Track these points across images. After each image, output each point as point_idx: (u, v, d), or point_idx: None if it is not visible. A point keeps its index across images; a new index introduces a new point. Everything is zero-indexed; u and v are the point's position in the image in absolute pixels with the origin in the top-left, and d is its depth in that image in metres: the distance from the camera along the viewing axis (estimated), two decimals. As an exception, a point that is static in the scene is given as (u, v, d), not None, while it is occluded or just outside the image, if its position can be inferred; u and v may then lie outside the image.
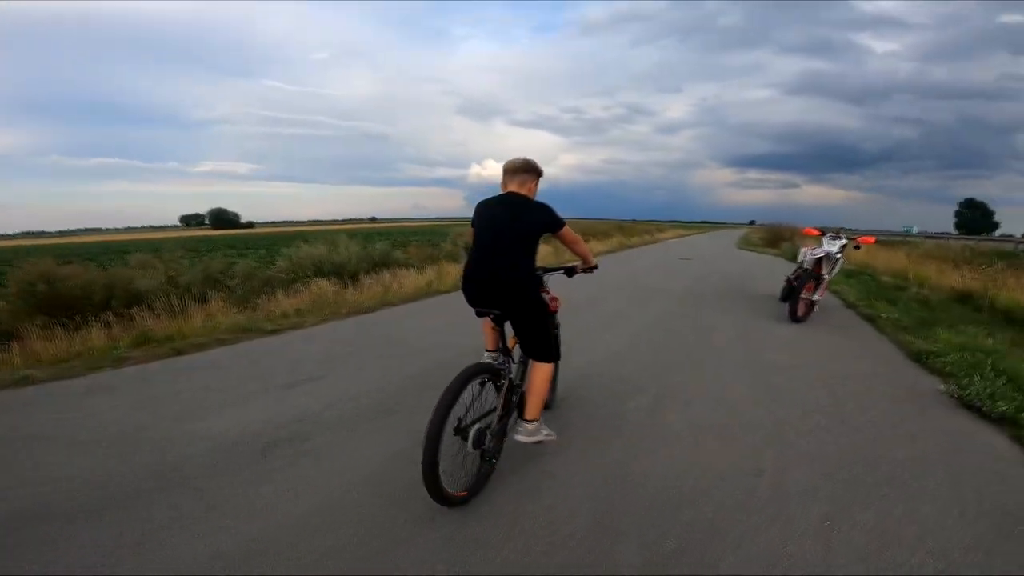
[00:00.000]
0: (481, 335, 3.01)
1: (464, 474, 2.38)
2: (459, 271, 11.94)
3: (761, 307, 7.32)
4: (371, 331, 5.81)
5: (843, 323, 6.50)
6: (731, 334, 5.71)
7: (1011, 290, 7.98)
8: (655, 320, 6.30)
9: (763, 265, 14.48)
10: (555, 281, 3.19)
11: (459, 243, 18.81)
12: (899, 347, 5.43)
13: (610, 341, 5.33)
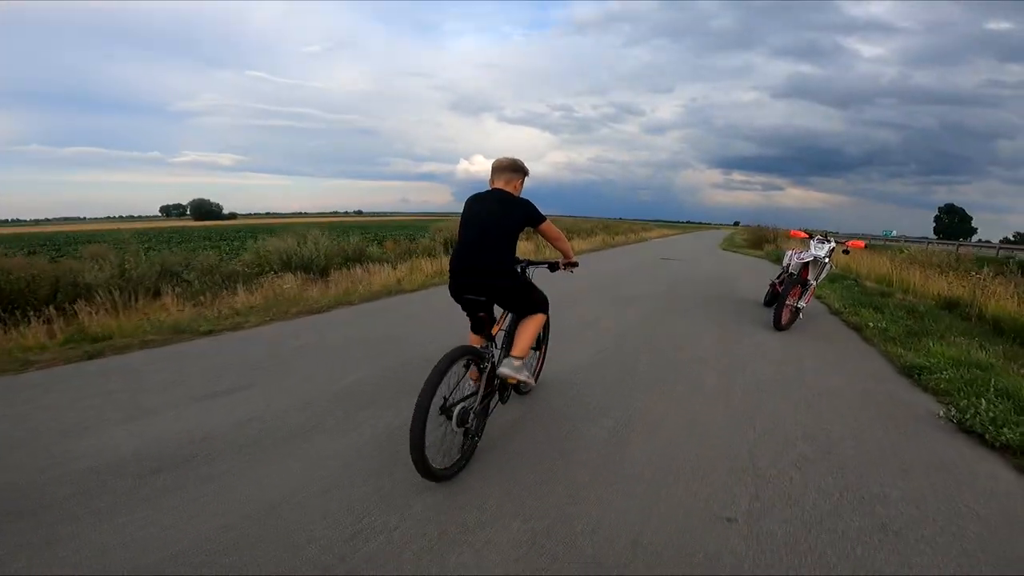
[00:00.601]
0: (443, 336, 3.13)
1: (449, 450, 2.48)
2: (433, 268, 11.55)
3: (744, 312, 6.94)
4: (320, 334, 5.31)
5: (828, 332, 6.14)
6: (711, 343, 5.31)
7: (999, 299, 7.70)
8: (631, 327, 5.87)
9: (746, 267, 14.19)
10: (537, 277, 3.27)
11: (438, 239, 18.33)
12: (888, 360, 5.09)
13: (579, 352, 4.88)
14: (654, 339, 5.39)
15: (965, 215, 76.66)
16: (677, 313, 6.70)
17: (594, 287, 8.65)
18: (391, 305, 6.84)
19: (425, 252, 15.73)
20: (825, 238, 6.02)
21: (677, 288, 8.76)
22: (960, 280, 9.42)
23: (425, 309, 6.48)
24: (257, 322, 5.65)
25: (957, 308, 8.04)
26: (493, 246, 2.63)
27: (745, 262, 15.78)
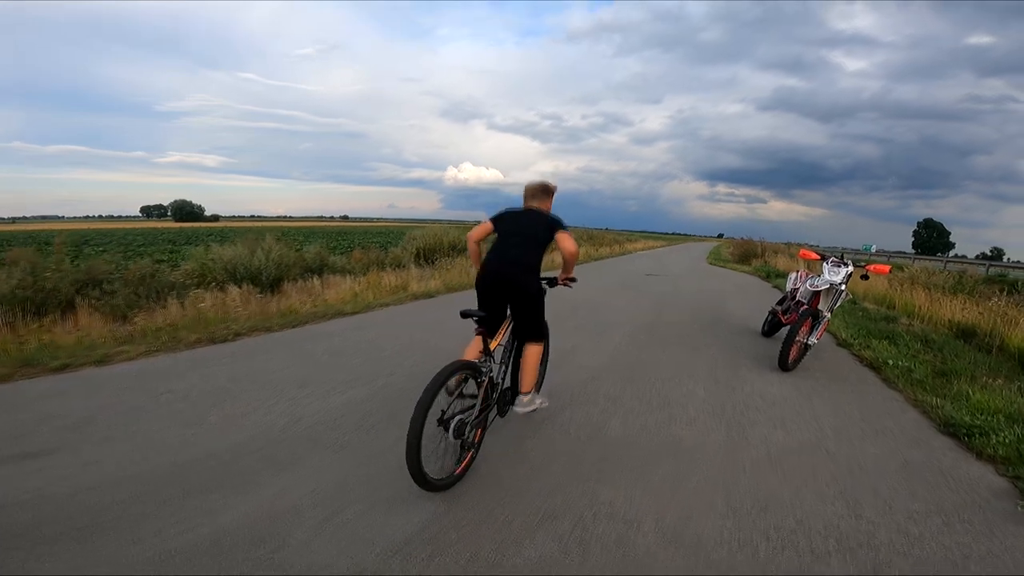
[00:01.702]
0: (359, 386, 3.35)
1: (445, 462, 2.54)
2: (397, 282, 10.41)
3: (740, 346, 5.92)
4: (203, 374, 4.15)
5: (841, 372, 5.14)
6: (703, 393, 4.26)
7: (1022, 328, 6.80)
8: (604, 366, 4.76)
9: (736, 285, 13.25)
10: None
11: (410, 248, 17.16)
12: (922, 412, 4.12)
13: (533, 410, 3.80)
14: (634, 384, 4.31)
15: (943, 230, 77.38)
16: (662, 347, 5.62)
17: (573, 309, 7.57)
18: (325, 331, 5.65)
19: (393, 264, 14.59)
20: (841, 260, 5.01)
21: (663, 313, 7.66)
22: (974, 305, 8.55)
23: (357, 341, 5.34)
24: (136, 353, 4.47)
25: (974, 338, 7.17)
26: (522, 251, 3.00)
27: (734, 280, 14.85)
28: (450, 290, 8.76)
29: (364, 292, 9.29)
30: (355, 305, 6.82)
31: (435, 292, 8.27)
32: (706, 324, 7.03)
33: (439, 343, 5.11)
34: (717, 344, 5.87)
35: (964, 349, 6.54)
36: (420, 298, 7.71)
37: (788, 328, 4.83)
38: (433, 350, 4.84)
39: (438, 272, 12.10)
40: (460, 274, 11.83)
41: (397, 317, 6.50)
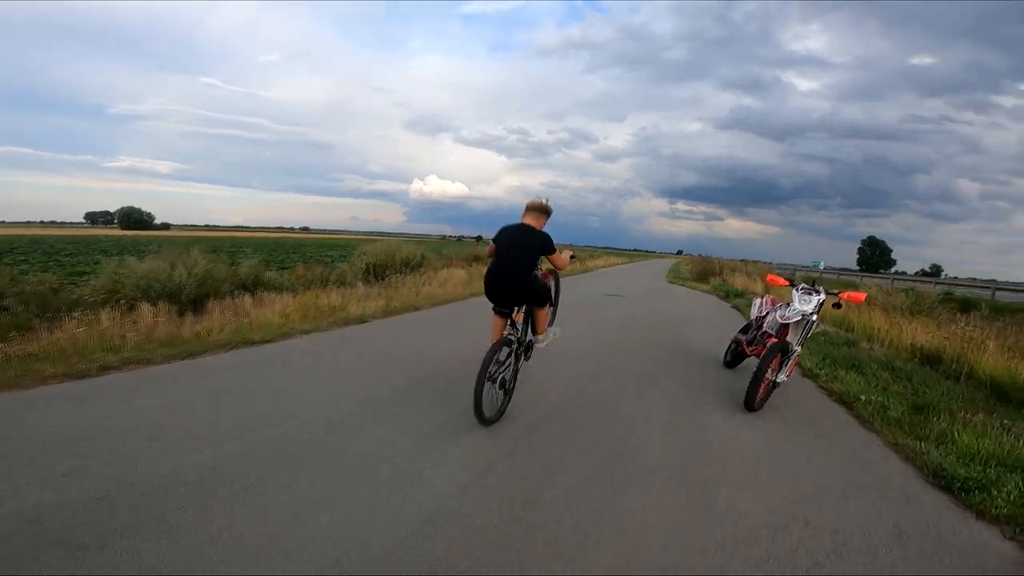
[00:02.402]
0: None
1: (494, 404, 3.58)
2: (335, 302, 9.47)
3: (701, 378, 5.35)
4: (23, 426, 3.24)
5: (811, 410, 4.62)
6: (660, 438, 3.62)
7: (991, 353, 6.51)
8: (545, 414, 3.96)
9: (697, 306, 12.89)
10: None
11: (359, 264, 16.16)
12: (905, 459, 3.64)
13: (456, 468, 3.08)
14: (580, 437, 3.63)
15: (886, 247, 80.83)
16: (617, 381, 4.96)
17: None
18: (217, 365, 4.75)
19: (338, 281, 13.59)
20: (812, 287, 4.49)
21: (620, 342, 6.98)
22: (936, 328, 8.34)
23: (251, 380, 4.49)
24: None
25: (940, 364, 6.86)
26: (517, 263, 3.65)
27: (694, 299, 14.54)
28: (389, 313, 7.92)
29: (297, 313, 8.38)
30: (270, 331, 5.92)
31: (370, 316, 7.40)
32: (666, 353, 6.44)
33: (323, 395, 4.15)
34: (677, 378, 5.26)
35: (933, 378, 6.18)
36: (352, 323, 6.85)
37: (756, 366, 4.28)
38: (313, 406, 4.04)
39: (386, 291, 11.21)
40: (409, 293, 11.00)
41: (313, 347, 5.66)
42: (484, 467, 3.00)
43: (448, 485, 2.76)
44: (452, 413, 3.78)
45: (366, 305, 8.54)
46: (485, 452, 3.20)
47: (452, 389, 4.27)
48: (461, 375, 4.53)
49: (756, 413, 4.28)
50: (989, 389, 5.82)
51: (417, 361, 5.13)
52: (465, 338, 6.08)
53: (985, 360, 6.31)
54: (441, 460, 3.05)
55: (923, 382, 5.78)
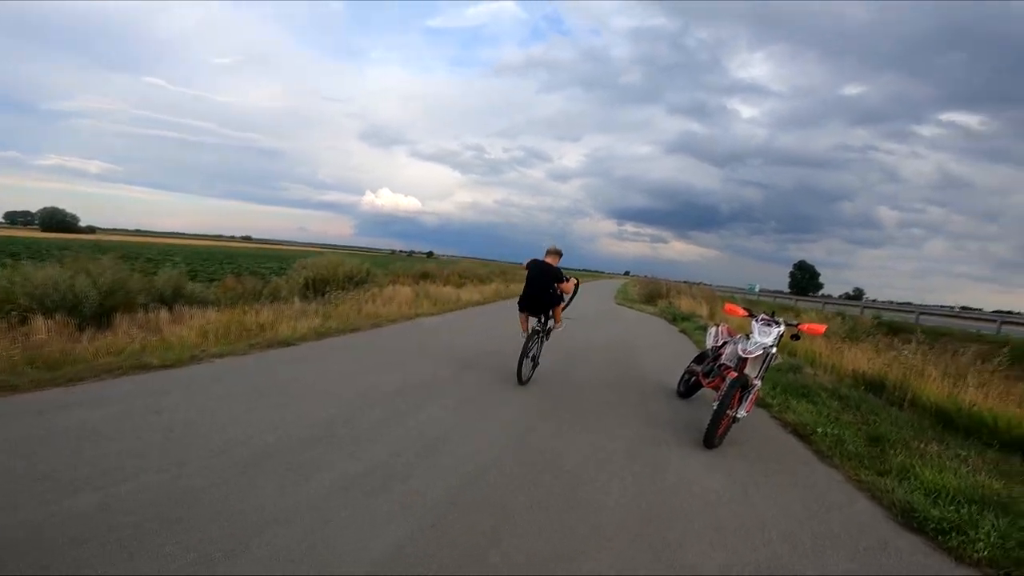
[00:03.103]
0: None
1: (528, 371, 5.47)
2: (265, 319, 8.62)
3: (657, 412, 5.03)
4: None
5: (769, 445, 4.39)
6: (618, 485, 3.22)
7: (932, 380, 6.60)
8: (489, 461, 3.47)
9: (647, 329, 12.82)
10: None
11: (299, 278, 15.16)
12: (872, 499, 3.46)
13: (376, 529, 2.56)
14: (529, 489, 3.19)
15: (814, 271, 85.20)
16: (570, 421, 4.47)
17: (463, 365, 6.34)
18: (58, 403, 3.86)
19: (271, 295, 12.57)
20: (772, 319, 4.28)
21: (570, 371, 6.57)
22: (876, 353, 8.50)
23: (122, 418, 3.76)
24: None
25: (883, 391, 6.93)
26: (541, 287, 5.60)
27: (644, 324, 14.49)
28: (323, 335, 7.21)
29: (218, 332, 7.54)
30: (175, 354, 5.14)
31: (299, 338, 6.67)
32: (619, 384, 6.10)
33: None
34: (633, 412, 4.91)
35: (878, 405, 6.17)
36: (277, 346, 6.13)
37: (715, 401, 4.00)
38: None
39: (325, 308, 10.41)
40: (350, 312, 10.26)
41: (214, 379, 4.94)
42: (433, 503, 2.50)
43: (387, 530, 2.24)
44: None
45: (299, 324, 7.81)
46: (407, 521, 2.70)
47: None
48: (424, 391, 3.94)
49: (716, 451, 3.99)
50: (934, 416, 5.85)
51: (320, 409, 4.22)
52: (395, 375, 5.37)
53: (928, 387, 6.38)
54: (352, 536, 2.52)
55: (871, 410, 5.74)
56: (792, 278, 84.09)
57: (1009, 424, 4.82)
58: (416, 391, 4.83)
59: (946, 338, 12.66)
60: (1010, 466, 4.18)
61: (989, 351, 9.54)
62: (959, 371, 6.97)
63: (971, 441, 5.03)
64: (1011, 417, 4.94)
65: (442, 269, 26.09)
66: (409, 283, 18.35)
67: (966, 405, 5.67)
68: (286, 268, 20.37)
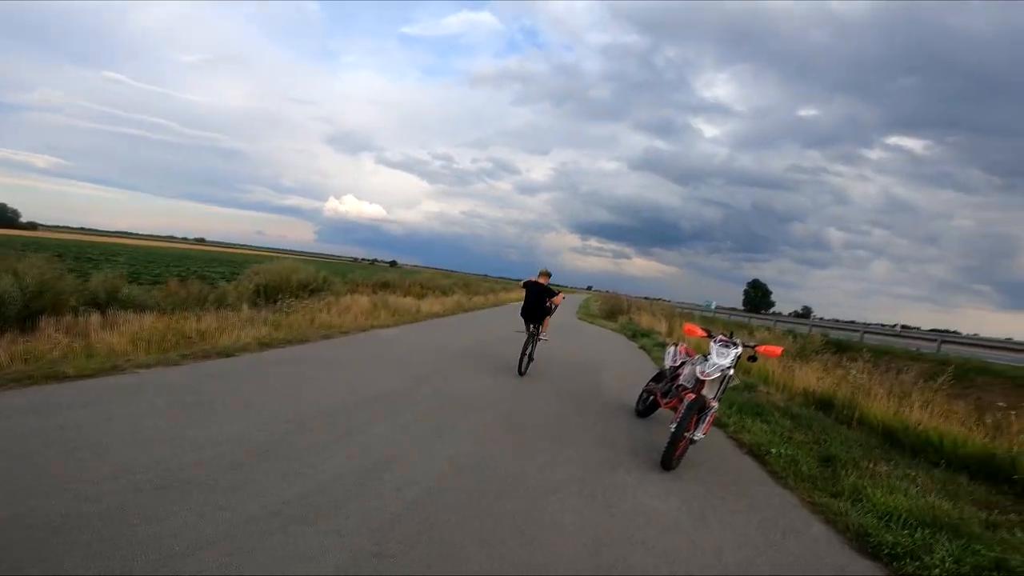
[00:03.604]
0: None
1: (525, 365, 7.21)
2: (211, 325, 8.08)
3: (615, 432, 4.90)
4: None
5: (725, 466, 4.33)
6: (571, 512, 3.04)
7: (879, 399, 6.77)
8: (435, 487, 3.25)
9: (609, 347, 12.80)
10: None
11: (249, 284, 14.46)
12: (827, 523, 3.41)
13: (299, 564, 2.30)
14: (475, 521, 2.97)
15: (767, 290, 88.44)
16: (524, 442, 4.26)
17: (418, 380, 6.07)
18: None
19: (217, 301, 11.85)
20: (730, 340, 4.24)
21: (528, 388, 6.45)
22: (825, 372, 8.70)
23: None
24: None
25: (832, 409, 7.06)
26: (536, 301, 7.18)
27: (605, 339, 14.52)
28: (268, 345, 6.78)
29: (152, 339, 7.02)
30: (96, 362, 4.68)
31: (240, 349, 6.25)
32: (577, 402, 5.95)
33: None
34: (590, 432, 4.76)
35: (828, 424, 6.27)
36: (216, 356, 5.70)
37: (673, 422, 3.90)
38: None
39: (276, 317, 9.89)
40: (301, 321, 9.79)
41: (142, 388, 4.53)
42: (378, 528, 2.25)
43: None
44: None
45: (243, 333, 7.36)
46: (378, 522, 2.44)
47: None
48: (367, 409, 3.62)
49: (674, 473, 3.89)
50: (882, 435, 5.97)
51: (252, 427, 3.94)
52: (343, 390, 5.15)
53: (875, 406, 6.53)
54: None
55: (822, 429, 5.80)
56: (746, 296, 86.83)
57: (955, 443, 4.93)
58: (364, 408, 4.54)
59: (888, 356, 13.17)
60: (957, 486, 4.24)
61: (930, 369, 10.00)
62: (904, 390, 7.18)
63: (918, 460, 5.14)
64: (956, 436, 5.06)
65: (404, 279, 25.60)
66: (368, 293, 17.83)
67: (912, 424, 5.81)
68: (239, 273, 19.44)
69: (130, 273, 21.01)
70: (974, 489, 4.23)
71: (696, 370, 4.11)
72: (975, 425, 5.62)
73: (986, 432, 5.28)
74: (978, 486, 4.32)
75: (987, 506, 3.80)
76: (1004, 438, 5.00)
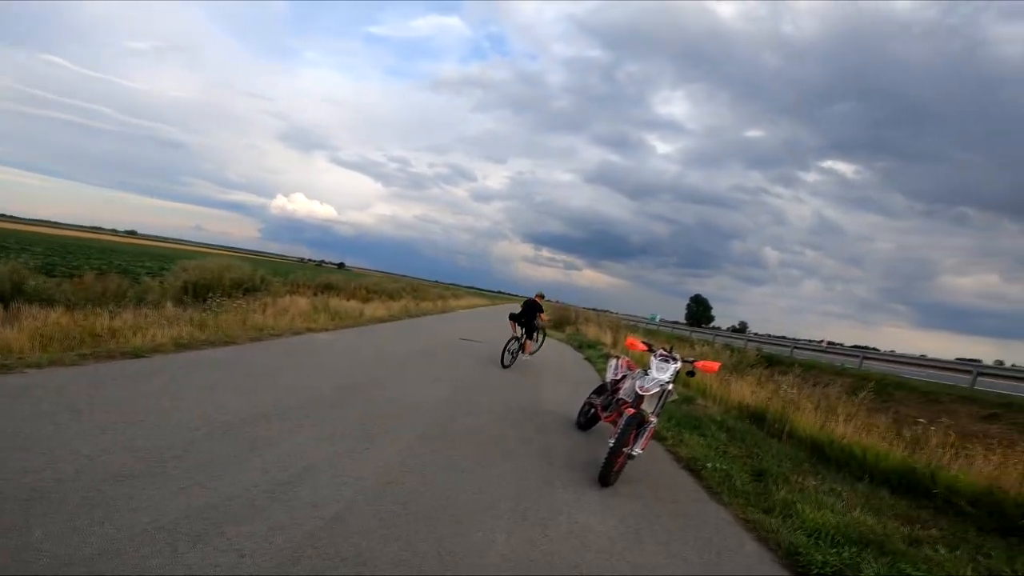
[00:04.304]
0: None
1: (509, 360, 9.14)
2: (128, 322, 7.38)
3: (554, 446, 4.76)
4: None
5: (663, 482, 4.28)
6: (503, 534, 2.86)
7: (807, 413, 7.00)
8: (356, 501, 3.02)
9: (554, 357, 12.75)
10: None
11: (177, 281, 13.46)
12: (759, 540, 3.41)
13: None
14: (394, 542, 2.75)
15: (707, 304, 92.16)
16: (458, 457, 4.02)
17: (350, 390, 5.71)
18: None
19: (138, 298, 10.88)
20: (670, 354, 4.21)
21: (467, 398, 6.14)
22: (758, 385, 8.98)
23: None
24: None
25: (764, 422, 7.26)
26: (528, 314, 9.61)
27: (551, 349, 14.48)
28: (187, 347, 6.22)
29: (55, 335, 6.34)
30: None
31: (152, 350, 5.67)
32: (518, 413, 5.78)
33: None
34: (528, 446, 4.60)
35: (761, 437, 6.41)
36: (121, 357, 5.13)
37: (612, 437, 3.81)
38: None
39: (203, 316, 9.20)
40: (232, 322, 9.16)
41: (26, 390, 4.01)
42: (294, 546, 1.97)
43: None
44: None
45: (161, 333, 6.76)
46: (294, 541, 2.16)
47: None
48: (294, 417, 3.28)
49: (611, 490, 3.79)
50: (810, 449, 6.15)
51: (151, 435, 3.73)
52: (263, 397, 4.75)
53: (803, 420, 6.75)
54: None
55: (755, 443, 5.92)
56: (688, 310, 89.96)
57: (877, 457, 5.11)
58: (286, 417, 4.20)
59: (816, 371, 13.87)
60: (880, 500, 4.37)
61: (853, 384, 10.55)
62: (830, 404, 7.48)
63: (843, 474, 5.30)
64: (878, 451, 5.25)
65: (349, 281, 24.75)
66: (309, 295, 17.05)
67: (837, 438, 6.02)
68: (168, 269, 18.13)
69: (45, 264, 19.26)
70: (896, 503, 4.37)
71: (635, 384, 4.05)
72: (895, 439, 5.87)
73: (905, 446, 5.52)
74: (899, 500, 4.48)
75: (909, 520, 3.92)
76: (922, 452, 5.23)
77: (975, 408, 10.02)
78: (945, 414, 8.53)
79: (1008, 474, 4.50)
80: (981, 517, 4.00)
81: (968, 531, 3.80)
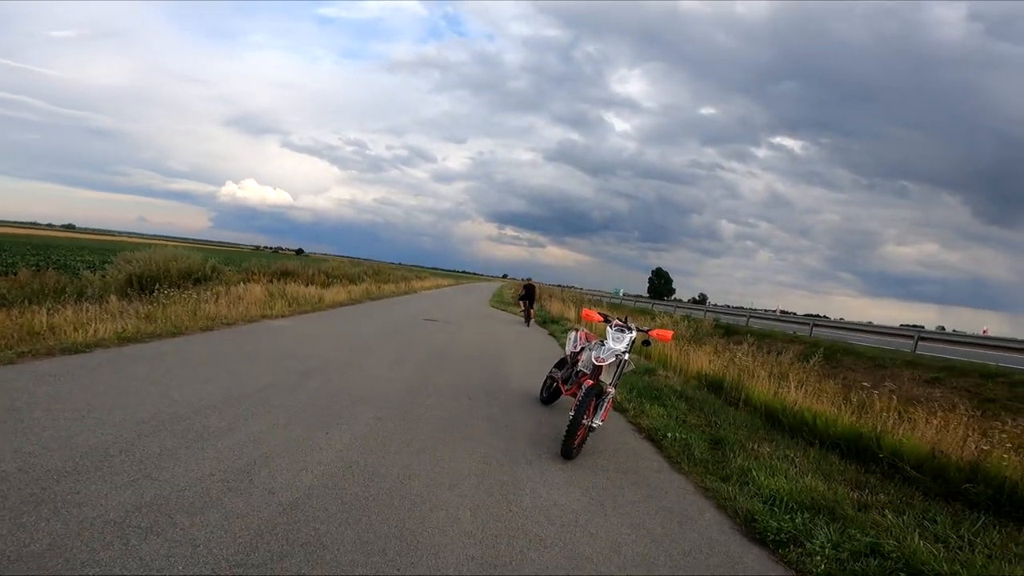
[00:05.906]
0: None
1: (529, 322, 15.63)
2: (68, 318, 6.95)
3: (518, 421, 4.79)
4: None
5: (625, 454, 4.35)
6: (468, 511, 2.86)
7: (761, 381, 7.27)
8: (316, 484, 2.94)
9: (519, 335, 12.81)
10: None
11: (120, 273, 12.74)
12: (718, 508, 3.50)
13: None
14: (358, 522, 2.69)
15: (668, 277, 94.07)
16: (421, 435, 4.02)
17: (305, 375, 5.60)
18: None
19: (77, 293, 10.27)
20: (625, 324, 4.27)
21: (432, 373, 6.22)
22: (715, 355, 9.25)
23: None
24: None
25: (722, 391, 7.50)
26: (532, 294, 16.60)
27: (516, 328, 14.55)
28: (131, 340, 5.93)
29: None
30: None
31: (94, 344, 5.37)
32: (481, 390, 5.79)
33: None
34: (492, 422, 4.62)
35: (718, 405, 6.61)
36: (59, 353, 4.82)
37: (572, 409, 3.85)
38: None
39: (151, 309, 8.77)
40: (181, 312, 8.76)
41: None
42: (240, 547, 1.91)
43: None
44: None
45: (103, 327, 6.40)
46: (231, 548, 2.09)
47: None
48: (242, 405, 3.15)
49: (574, 463, 3.85)
50: (764, 416, 6.39)
51: (94, 431, 3.43)
52: (214, 386, 4.60)
53: (758, 387, 7.00)
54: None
55: (713, 411, 6.10)
56: (651, 283, 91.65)
57: (826, 423, 5.33)
58: (240, 405, 4.06)
59: (769, 339, 14.42)
60: (830, 465, 4.56)
61: (804, 351, 11.00)
62: (782, 371, 7.78)
63: (796, 439, 5.50)
64: (827, 416, 5.47)
65: (307, 267, 24.07)
66: (264, 281, 16.47)
67: (789, 404, 6.26)
68: (110, 262, 17.13)
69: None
70: (845, 468, 4.56)
71: (592, 356, 4.10)
72: (843, 404, 6.15)
73: (853, 411, 5.78)
74: (848, 465, 4.67)
75: (857, 486, 4.09)
76: (869, 417, 5.49)
77: (918, 372, 10.54)
78: (890, 379, 9.01)
79: (949, 438, 4.72)
80: (926, 482, 4.18)
81: (914, 496, 3.96)
